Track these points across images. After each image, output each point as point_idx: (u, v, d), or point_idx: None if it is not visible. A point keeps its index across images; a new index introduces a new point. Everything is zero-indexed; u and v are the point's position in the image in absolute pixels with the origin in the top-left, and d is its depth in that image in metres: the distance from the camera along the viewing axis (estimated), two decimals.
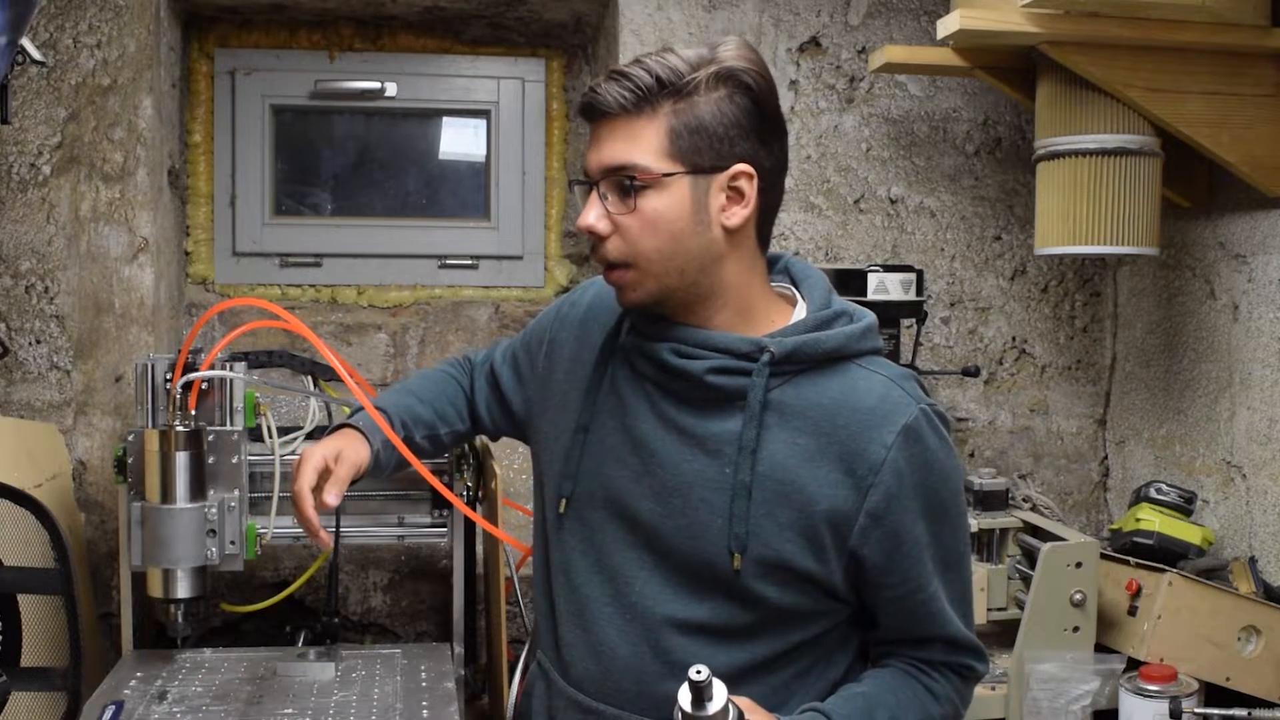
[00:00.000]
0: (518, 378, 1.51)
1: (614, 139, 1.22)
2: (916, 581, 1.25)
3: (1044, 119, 2.01)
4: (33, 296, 2.12)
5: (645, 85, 1.20)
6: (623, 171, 1.21)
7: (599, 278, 1.37)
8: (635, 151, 1.21)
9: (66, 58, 2.11)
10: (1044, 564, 1.88)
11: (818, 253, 2.36)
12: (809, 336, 1.25)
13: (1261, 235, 2.06)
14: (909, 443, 1.21)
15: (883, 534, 1.22)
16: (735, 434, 1.23)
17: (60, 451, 2.08)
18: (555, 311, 1.48)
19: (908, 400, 1.24)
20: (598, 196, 1.23)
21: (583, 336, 1.40)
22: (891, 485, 1.21)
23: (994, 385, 2.46)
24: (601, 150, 1.23)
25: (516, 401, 1.50)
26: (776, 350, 1.22)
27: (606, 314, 1.38)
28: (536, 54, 2.58)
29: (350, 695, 1.60)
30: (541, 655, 1.40)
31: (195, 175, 2.45)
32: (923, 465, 1.22)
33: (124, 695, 1.58)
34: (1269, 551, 2.04)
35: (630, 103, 1.21)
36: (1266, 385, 2.05)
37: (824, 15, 2.35)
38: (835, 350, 1.25)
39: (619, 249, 1.23)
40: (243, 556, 1.76)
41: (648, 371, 1.30)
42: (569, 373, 1.39)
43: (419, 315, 2.49)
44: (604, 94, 1.21)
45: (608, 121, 1.23)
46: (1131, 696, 1.79)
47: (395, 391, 1.56)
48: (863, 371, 1.25)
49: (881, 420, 1.21)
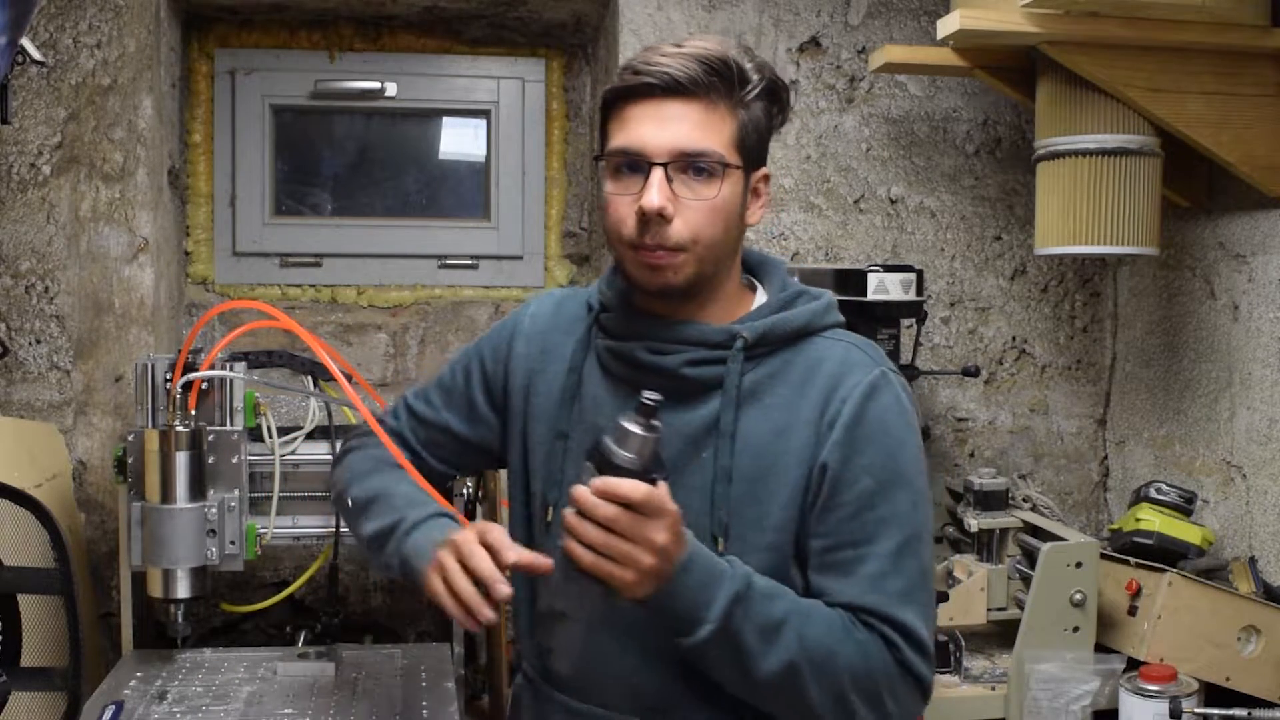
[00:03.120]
0: (471, 416, 1.46)
1: (685, 122, 1.22)
2: (850, 538, 1.22)
3: (1044, 119, 2.01)
4: (33, 296, 2.12)
5: (724, 75, 1.22)
6: (701, 157, 1.22)
7: (529, 303, 1.43)
8: (711, 138, 1.22)
9: (66, 58, 2.11)
10: (1044, 564, 1.88)
11: (818, 253, 2.36)
12: (777, 318, 1.28)
13: (1261, 235, 2.06)
14: (866, 398, 1.23)
15: (827, 482, 1.22)
16: (712, 421, 1.25)
17: (60, 451, 2.08)
18: (503, 337, 1.45)
19: (870, 362, 1.27)
20: (665, 178, 1.22)
21: (547, 349, 1.40)
22: (841, 436, 1.22)
23: (994, 385, 2.46)
24: (671, 131, 1.22)
25: (475, 435, 1.46)
26: (749, 335, 1.25)
27: (566, 324, 1.39)
28: (536, 54, 2.58)
29: (350, 695, 1.60)
30: (527, 666, 1.40)
31: (195, 175, 2.45)
32: (877, 422, 1.23)
33: (124, 695, 1.58)
34: (1269, 551, 2.04)
35: (712, 87, 1.22)
36: (1266, 385, 2.05)
37: (824, 15, 2.35)
38: (802, 327, 1.29)
39: (680, 232, 1.23)
40: (243, 556, 1.76)
41: (622, 372, 1.31)
42: (539, 387, 1.38)
43: (419, 315, 2.49)
44: (681, 73, 1.21)
45: (675, 102, 1.22)
46: (1131, 696, 1.79)
47: (391, 496, 1.42)
48: (827, 342, 1.29)
49: (842, 378, 1.25)
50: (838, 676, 1.19)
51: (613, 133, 1.26)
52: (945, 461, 2.44)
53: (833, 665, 1.19)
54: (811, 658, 1.18)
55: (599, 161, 1.29)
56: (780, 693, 1.20)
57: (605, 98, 1.28)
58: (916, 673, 1.22)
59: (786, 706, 1.22)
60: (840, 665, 1.19)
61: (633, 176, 1.24)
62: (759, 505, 1.25)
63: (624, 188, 1.24)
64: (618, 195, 1.25)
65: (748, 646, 1.17)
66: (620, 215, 1.25)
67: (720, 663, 1.19)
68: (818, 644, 1.19)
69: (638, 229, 1.23)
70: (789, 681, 1.18)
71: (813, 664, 1.18)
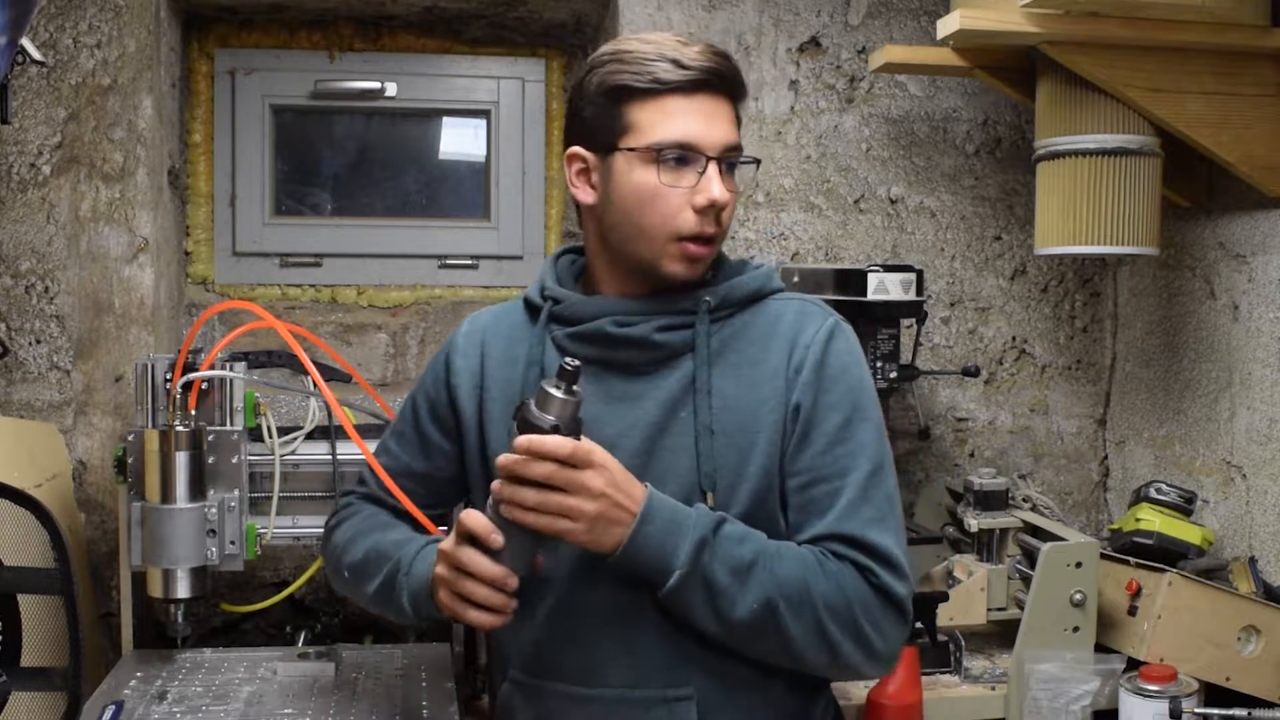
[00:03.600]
0: (428, 451, 1.47)
1: (724, 118, 1.30)
2: (821, 473, 1.29)
3: (1044, 119, 2.01)
4: (33, 296, 2.12)
5: (739, 75, 1.32)
6: (737, 152, 1.31)
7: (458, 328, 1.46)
8: (737, 134, 1.32)
9: (66, 58, 2.11)
10: (1044, 564, 1.88)
11: (818, 253, 2.36)
12: (732, 282, 1.36)
13: (1261, 235, 2.06)
14: (826, 342, 1.32)
15: (801, 420, 1.30)
16: (687, 382, 1.31)
17: (60, 451, 2.08)
18: (439, 363, 1.47)
19: (822, 313, 1.37)
20: (721, 171, 1.29)
21: (492, 355, 1.41)
22: (810, 377, 1.30)
23: (994, 385, 2.46)
24: (720, 129, 1.29)
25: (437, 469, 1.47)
26: (712, 299, 1.32)
27: (507, 329, 1.42)
28: (536, 54, 2.57)
29: (350, 695, 1.60)
30: (514, 673, 1.39)
31: (195, 175, 2.45)
32: (839, 364, 1.32)
33: (124, 695, 1.58)
34: (1269, 551, 2.04)
35: (737, 86, 1.32)
36: (1266, 385, 2.05)
37: (824, 15, 2.35)
38: (756, 290, 1.37)
39: (725, 224, 1.31)
40: (243, 556, 1.77)
41: (588, 353, 1.33)
42: (493, 391, 1.40)
43: (419, 315, 2.49)
44: (726, 72, 1.29)
45: (715, 98, 1.29)
46: (1131, 696, 1.79)
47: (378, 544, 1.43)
48: (779, 302, 1.38)
49: (802, 328, 1.34)
50: (814, 609, 1.23)
51: (647, 123, 1.27)
52: (945, 461, 2.44)
53: (808, 599, 1.23)
54: (786, 594, 1.22)
55: (611, 152, 1.29)
56: (761, 633, 1.24)
57: (633, 85, 1.28)
58: (894, 595, 1.26)
59: (770, 648, 1.26)
60: (815, 597, 1.23)
61: (682, 169, 1.27)
62: (740, 455, 1.30)
63: (676, 179, 1.28)
64: (671, 187, 1.27)
65: (721, 587, 1.22)
66: (673, 207, 1.28)
67: (697, 608, 1.23)
68: (791, 579, 1.23)
69: (697, 222, 1.28)
70: (767, 620, 1.22)
71: (788, 600, 1.22)
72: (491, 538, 1.19)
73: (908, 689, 1.78)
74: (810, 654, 1.24)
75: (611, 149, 1.29)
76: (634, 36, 1.32)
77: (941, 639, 1.96)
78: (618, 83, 1.28)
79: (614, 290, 1.37)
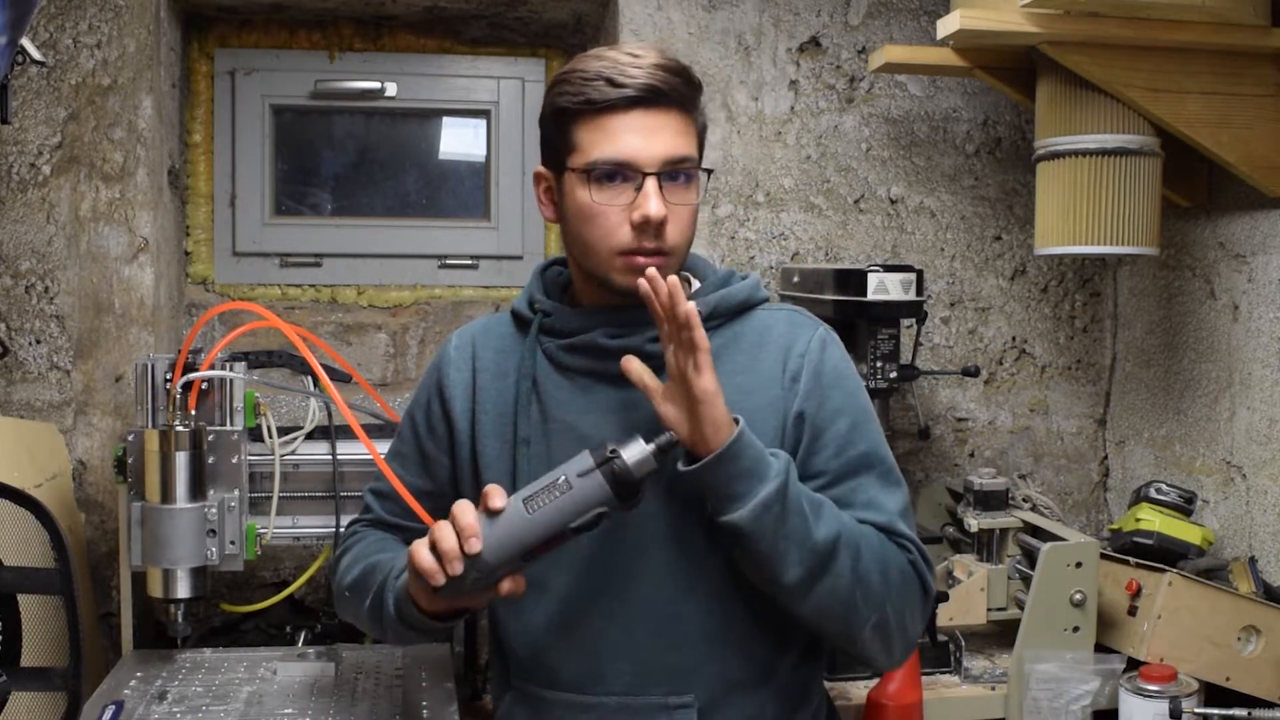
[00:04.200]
0: (427, 469, 1.46)
1: (668, 131, 1.28)
2: (840, 473, 1.32)
3: (1044, 119, 2.01)
4: (33, 296, 2.12)
5: (694, 84, 1.31)
6: (684, 164, 1.29)
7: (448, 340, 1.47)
8: (688, 145, 1.30)
9: (66, 58, 2.11)
10: (1044, 564, 1.88)
11: (818, 253, 2.36)
12: (722, 293, 1.38)
13: (1261, 235, 2.06)
14: (821, 349, 1.36)
15: (808, 427, 1.33)
16: None
17: (60, 451, 2.08)
18: (432, 378, 1.46)
19: (811, 323, 1.40)
20: (657, 186, 1.27)
21: (484, 367, 1.41)
22: (810, 385, 1.33)
23: (994, 385, 2.46)
24: (659, 141, 1.28)
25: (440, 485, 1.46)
26: (703, 309, 1.31)
27: (497, 341, 1.42)
28: (536, 54, 2.58)
29: (350, 695, 1.60)
30: (516, 682, 1.39)
31: (195, 175, 2.45)
32: (834, 369, 1.36)
33: (124, 695, 1.58)
34: (1269, 551, 2.04)
35: (684, 97, 1.30)
36: (1266, 385, 2.05)
37: (824, 15, 2.35)
38: (744, 300, 1.39)
39: (672, 237, 1.30)
40: (243, 556, 1.77)
41: (579, 365, 1.34)
42: (486, 405, 1.40)
43: (419, 315, 2.49)
44: (664, 85, 1.27)
45: (656, 112, 1.28)
46: (1131, 696, 1.79)
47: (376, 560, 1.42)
48: (767, 312, 1.41)
49: (795, 338, 1.36)
50: (880, 562, 1.27)
51: (587, 142, 1.28)
52: (945, 461, 2.44)
53: (873, 548, 1.27)
54: (851, 538, 1.25)
55: (563, 172, 1.31)
56: (828, 568, 1.23)
57: (570, 106, 1.29)
58: (929, 586, 1.33)
59: (833, 589, 1.24)
60: (877, 549, 1.27)
61: (619, 186, 1.28)
62: None
63: (610, 197, 1.28)
64: (606, 205, 1.28)
65: (803, 509, 1.22)
66: (610, 224, 1.28)
67: (770, 533, 1.21)
68: (857, 529, 1.27)
69: (634, 237, 1.27)
70: (837, 555, 1.23)
71: (852, 544, 1.25)
72: (493, 499, 1.16)
73: (908, 689, 1.78)
74: (862, 608, 1.25)
75: (563, 169, 1.32)
76: (590, 54, 1.33)
77: (941, 639, 1.96)
78: (560, 104, 1.31)
79: (593, 301, 1.38)
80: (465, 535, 1.14)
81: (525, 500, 1.16)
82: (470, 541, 1.14)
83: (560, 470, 1.17)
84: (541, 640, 1.34)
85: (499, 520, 1.16)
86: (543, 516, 1.15)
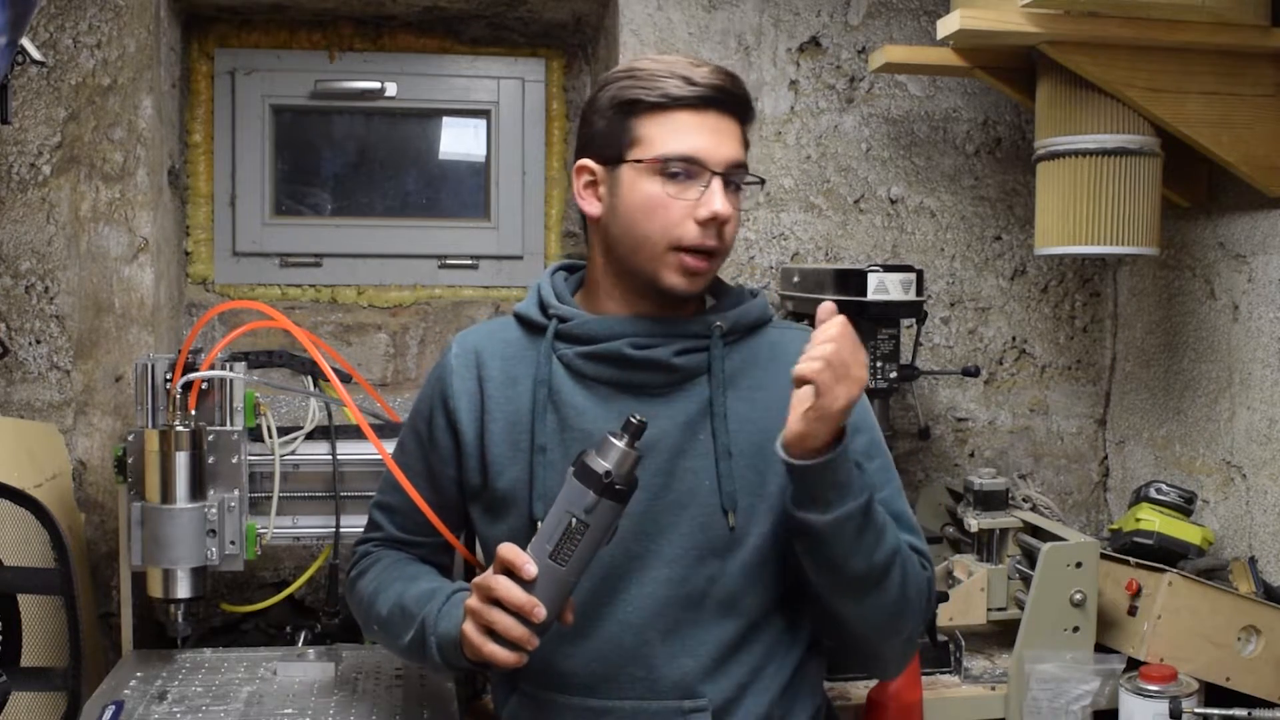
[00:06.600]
0: (435, 482, 1.46)
1: (731, 138, 1.33)
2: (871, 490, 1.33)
3: (1044, 119, 2.01)
4: (33, 296, 2.12)
5: (747, 95, 1.36)
6: (742, 171, 1.34)
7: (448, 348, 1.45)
8: (743, 154, 1.35)
9: (66, 58, 2.11)
10: (1044, 564, 1.88)
11: (818, 253, 2.36)
12: (739, 310, 1.41)
13: (1261, 235, 2.06)
14: None
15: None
16: (703, 405, 1.34)
17: (60, 451, 2.08)
18: (435, 387, 1.46)
19: None
20: (723, 186, 1.31)
21: (490, 376, 1.40)
22: None
23: (994, 385, 2.46)
24: (726, 146, 1.32)
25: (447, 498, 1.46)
26: (725, 324, 1.36)
27: (501, 347, 1.41)
28: (536, 54, 2.58)
29: (350, 695, 1.60)
30: (524, 686, 1.39)
31: (195, 175, 2.45)
32: None
33: (124, 695, 1.58)
34: (1269, 551, 2.04)
35: (749, 110, 1.36)
36: (1266, 385, 2.05)
37: (824, 15, 2.35)
38: (759, 318, 1.42)
39: (727, 239, 1.34)
40: (243, 556, 1.77)
41: (601, 374, 1.34)
42: (495, 412, 1.39)
43: (419, 315, 2.49)
44: (734, 89, 1.33)
45: (723, 116, 1.32)
46: (1131, 696, 1.79)
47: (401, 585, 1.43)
48: (778, 330, 1.45)
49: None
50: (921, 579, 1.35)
51: (656, 136, 1.30)
52: (945, 461, 2.44)
53: (912, 567, 1.34)
54: (904, 553, 1.32)
55: (618, 165, 1.32)
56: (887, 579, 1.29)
57: (643, 99, 1.31)
58: (934, 597, 1.41)
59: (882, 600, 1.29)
60: (917, 567, 1.34)
61: (684, 183, 1.30)
62: (759, 476, 1.34)
63: (680, 191, 1.30)
64: (674, 198, 1.29)
65: (878, 526, 1.27)
66: (674, 218, 1.30)
67: (849, 541, 1.25)
68: (904, 545, 1.33)
69: (699, 234, 1.30)
70: (894, 568, 1.29)
71: (902, 559, 1.31)
72: (526, 568, 1.18)
73: (908, 689, 1.78)
74: (899, 623, 1.33)
75: (619, 161, 1.32)
76: (647, 56, 1.38)
77: (941, 639, 1.96)
78: (629, 97, 1.31)
79: (619, 307, 1.38)
80: (528, 610, 1.17)
81: (551, 555, 1.19)
82: (535, 612, 1.17)
83: (564, 510, 1.19)
84: (554, 646, 1.34)
85: (539, 584, 1.19)
86: (576, 562, 1.19)
